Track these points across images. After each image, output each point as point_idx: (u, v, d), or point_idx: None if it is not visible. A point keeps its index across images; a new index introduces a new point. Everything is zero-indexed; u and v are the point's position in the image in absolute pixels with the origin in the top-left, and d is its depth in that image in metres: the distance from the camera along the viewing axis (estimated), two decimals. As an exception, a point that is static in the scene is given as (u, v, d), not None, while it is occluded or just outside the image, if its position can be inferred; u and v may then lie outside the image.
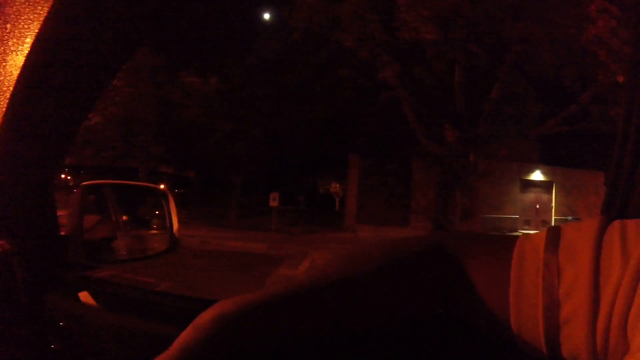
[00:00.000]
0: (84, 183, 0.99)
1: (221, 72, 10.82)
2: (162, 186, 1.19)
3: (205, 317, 0.41)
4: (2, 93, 0.68)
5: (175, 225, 1.18)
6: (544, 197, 13.99)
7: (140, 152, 11.39)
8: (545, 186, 14.22)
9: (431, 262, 0.45)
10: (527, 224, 13.47)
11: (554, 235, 0.40)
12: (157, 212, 1.29)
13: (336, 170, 16.20)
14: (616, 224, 0.39)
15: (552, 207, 13.85)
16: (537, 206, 14.22)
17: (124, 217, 1.27)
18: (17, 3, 0.58)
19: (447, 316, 0.42)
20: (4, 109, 0.68)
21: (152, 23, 0.71)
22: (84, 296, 0.81)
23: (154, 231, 1.26)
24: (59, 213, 0.87)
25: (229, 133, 11.42)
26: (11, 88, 0.67)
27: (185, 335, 0.41)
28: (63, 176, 13.58)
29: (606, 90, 6.29)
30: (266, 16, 8.86)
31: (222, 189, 13.88)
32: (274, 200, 11.29)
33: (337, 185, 17.75)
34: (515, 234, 0.48)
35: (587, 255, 0.38)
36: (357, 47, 8.65)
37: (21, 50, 0.62)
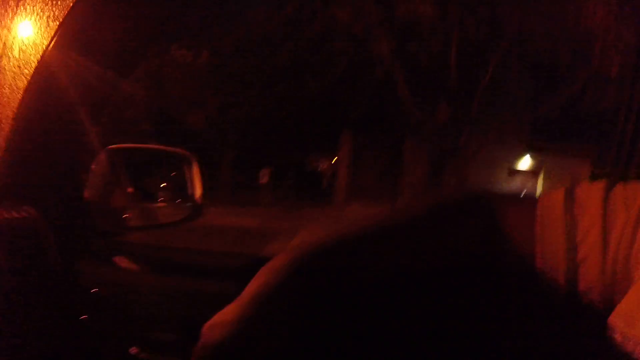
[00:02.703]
0: (109, 147, 0.94)
1: (211, 45, 10.59)
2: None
3: (280, 260, 0.42)
4: (28, 65, 0.63)
5: (199, 192, 1.14)
6: (531, 183, 14.21)
7: (129, 127, 11.19)
8: (532, 173, 14.41)
9: (470, 211, 0.52)
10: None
11: (570, 193, 0.49)
12: (174, 176, 1.25)
13: (327, 146, 16.15)
14: (619, 184, 0.48)
15: (536, 195, 14.12)
16: (523, 193, 14.49)
17: (143, 184, 1.23)
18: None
19: (485, 259, 0.49)
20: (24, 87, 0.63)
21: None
22: (121, 261, 0.78)
23: (175, 197, 1.23)
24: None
25: (219, 107, 11.27)
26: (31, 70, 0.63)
27: (260, 279, 0.40)
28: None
29: (602, 76, 6.34)
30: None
31: (211, 164, 13.80)
32: (263, 177, 11.27)
33: (326, 164, 17.72)
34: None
35: (597, 208, 0.46)
36: (352, 21, 8.52)
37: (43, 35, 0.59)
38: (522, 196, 0.56)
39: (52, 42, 0.57)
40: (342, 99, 13.78)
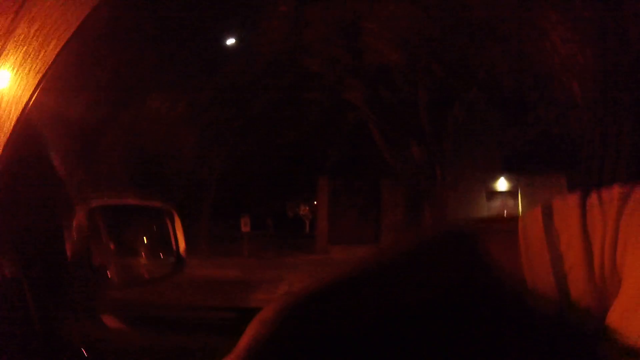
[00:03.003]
0: (89, 203, 0.95)
1: (187, 97, 10.73)
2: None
3: (270, 311, 0.43)
4: (7, 117, 0.65)
5: (182, 245, 1.14)
6: (510, 203, 14.48)
7: (108, 179, 11.00)
8: (510, 193, 14.73)
9: (452, 244, 0.53)
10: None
11: (547, 208, 0.51)
12: (156, 230, 1.24)
13: (305, 192, 16.21)
14: (593, 192, 0.49)
15: (519, 213, 14.35)
16: (505, 212, 14.73)
17: (125, 240, 1.21)
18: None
19: (469, 292, 0.51)
20: (8, 134, 0.65)
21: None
22: (107, 318, 0.77)
23: (157, 251, 1.22)
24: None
25: (196, 157, 11.25)
26: (17, 114, 0.64)
27: (252, 332, 0.41)
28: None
29: (567, 108, 6.69)
30: (231, 41, 8.90)
31: (189, 216, 13.57)
32: (245, 225, 11.12)
33: (307, 208, 17.73)
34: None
35: (576, 216, 0.48)
36: (324, 71, 8.83)
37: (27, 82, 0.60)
38: (503, 217, 0.58)
39: (33, 96, 0.59)
40: (317, 145, 14.03)
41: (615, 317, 0.45)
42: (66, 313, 0.75)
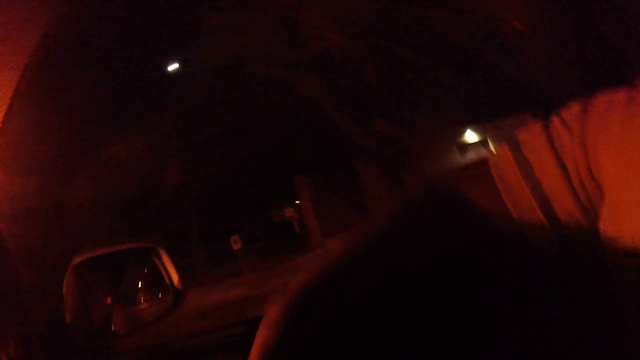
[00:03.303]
0: (74, 261, 0.93)
1: (144, 132, 10.51)
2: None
3: (274, 313, 0.44)
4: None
5: (175, 278, 1.14)
6: (483, 152, 14.76)
7: (88, 231, 10.70)
8: (481, 142, 15.00)
9: (431, 201, 0.54)
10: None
11: (513, 141, 0.52)
12: (148, 270, 1.23)
13: (285, 195, 16.15)
14: (553, 115, 0.50)
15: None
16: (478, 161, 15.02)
17: (121, 288, 1.20)
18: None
19: (461, 241, 0.51)
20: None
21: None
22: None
23: (154, 291, 1.21)
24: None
25: (171, 189, 11.08)
26: None
27: (261, 338, 0.42)
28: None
29: (506, 42, 6.79)
30: (175, 65, 8.75)
31: (178, 247, 13.39)
32: (235, 243, 11.06)
33: (291, 209, 17.69)
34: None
35: (542, 140, 0.49)
36: (271, 72, 8.77)
37: None
38: (474, 162, 0.59)
39: None
40: (285, 146, 13.97)
41: (607, 224, 0.44)
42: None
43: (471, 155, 15.07)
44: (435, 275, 0.56)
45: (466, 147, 15.30)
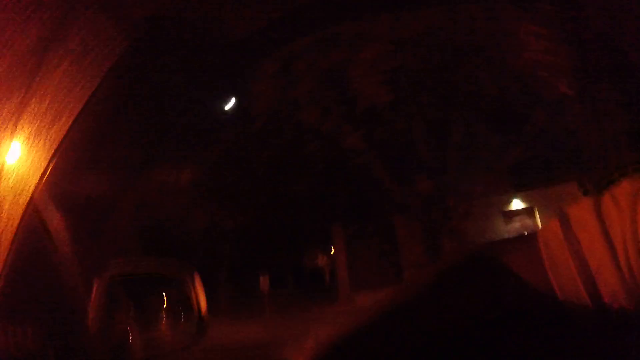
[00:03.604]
0: (106, 274, 0.97)
1: (191, 166, 10.97)
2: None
3: None
4: (23, 189, 0.69)
5: (204, 307, 1.14)
6: (528, 222, 14.22)
7: (122, 247, 11.01)
8: (526, 210, 14.49)
9: (474, 268, 0.53)
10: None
11: (563, 217, 0.54)
12: (175, 295, 1.24)
13: (320, 243, 16.10)
14: (605, 192, 0.51)
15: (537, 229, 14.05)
16: (525, 233, 14.39)
17: (143, 307, 1.22)
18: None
19: (499, 313, 0.50)
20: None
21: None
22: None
23: (178, 316, 1.22)
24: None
25: (208, 221, 11.34)
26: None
27: None
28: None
29: (555, 106, 6.71)
30: (226, 107, 9.22)
31: (207, 279, 13.45)
32: (264, 283, 11.01)
33: (325, 257, 17.55)
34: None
35: (593, 219, 0.51)
36: (318, 123, 9.07)
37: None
38: (520, 235, 0.58)
39: (48, 171, 0.62)
40: (325, 194, 14.10)
41: None
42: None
43: (516, 224, 14.54)
44: (469, 347, 0.56)
45: (511, 214, 14.80)
